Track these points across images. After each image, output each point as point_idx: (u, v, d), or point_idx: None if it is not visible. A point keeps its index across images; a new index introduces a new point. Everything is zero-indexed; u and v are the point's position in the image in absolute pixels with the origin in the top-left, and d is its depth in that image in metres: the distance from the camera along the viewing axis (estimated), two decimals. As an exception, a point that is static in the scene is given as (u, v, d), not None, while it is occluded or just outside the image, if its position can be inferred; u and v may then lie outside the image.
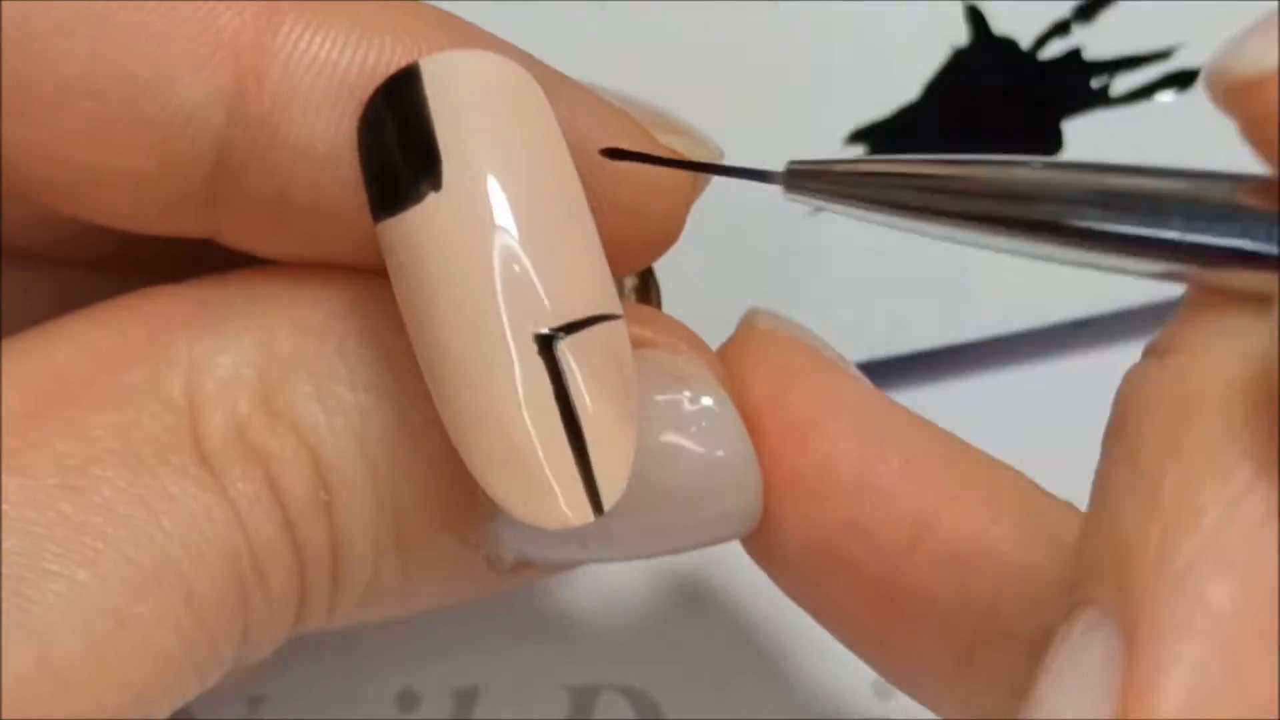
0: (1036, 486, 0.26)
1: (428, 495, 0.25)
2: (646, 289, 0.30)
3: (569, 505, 0.23)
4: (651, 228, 0.26)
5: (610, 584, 0.32)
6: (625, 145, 0.25)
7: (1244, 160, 0.34)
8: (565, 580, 0.33)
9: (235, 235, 0.25)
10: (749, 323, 0.28)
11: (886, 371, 0.34)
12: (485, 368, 0.23)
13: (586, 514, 0.23)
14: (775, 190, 0.33)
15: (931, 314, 0.34)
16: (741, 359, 0.27)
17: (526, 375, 0.23)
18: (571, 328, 0.23)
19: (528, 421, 0.23)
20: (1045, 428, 0.32)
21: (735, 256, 0.34)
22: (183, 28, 0.24)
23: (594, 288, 0.24)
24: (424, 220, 0.23)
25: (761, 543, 0.27)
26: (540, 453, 0.23)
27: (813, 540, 0.26)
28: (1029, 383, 0.35)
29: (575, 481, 0.23)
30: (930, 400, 0.33)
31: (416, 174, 0.23)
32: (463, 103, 0.24)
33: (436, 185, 0.23)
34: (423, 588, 0.26)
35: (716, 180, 0.29)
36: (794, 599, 0.28)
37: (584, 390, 0.23)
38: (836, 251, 0.35)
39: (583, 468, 0.23)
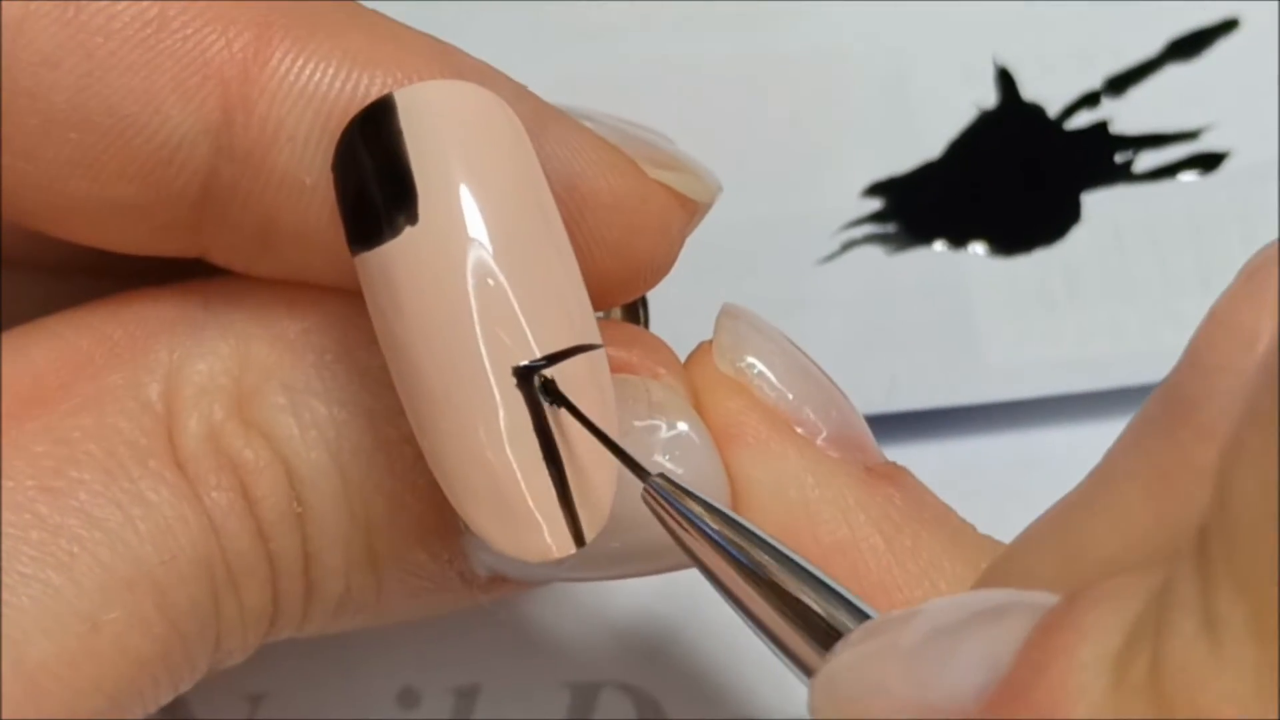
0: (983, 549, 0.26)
1: (400, 510, 0.25)
2: (635, 313, 0.30)
3: (552, 537, 0.23)
4: (639, 262, 0.26)
5: (610, 582, 0.32)
6: (614, 180, 0.25)
7: (1258, 245, 0.34)
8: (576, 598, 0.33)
9: (223, 257, 0.25)
10: (712, 347, 0.27)
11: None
12: (464, 402, 0.23)
13: (569, 546, 0.23)
14: (778, 241, 0.33)
15: (931, 374, 0.34)
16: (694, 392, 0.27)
17: (507, 409, 0.23)
18: (551, 359, 0.23)
19: (509, 455, 0.23)
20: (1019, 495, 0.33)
21: (741, 300, 0.34)
22: (170, 59, 0.24)
23: (573, 319, 0.24)
24: (401, 254, 0.23)
25: None
26: (522, 486, 0.23)
27: None
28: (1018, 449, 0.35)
29: (557, 514, 0.23)
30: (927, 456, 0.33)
31: (393, 207, 0.23)
32: (437, 134, 0.23)
33: (413, 219, 0.23)
34: (397, 600, 0.26)
35: (719, 228, 0.29)
36: None
37: (564, 422, 0.23)
38: (838, 305, 0.35)
39: (564, 499, 0.23)
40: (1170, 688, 0.17)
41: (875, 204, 0.35)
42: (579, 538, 0.23)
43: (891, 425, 0.33)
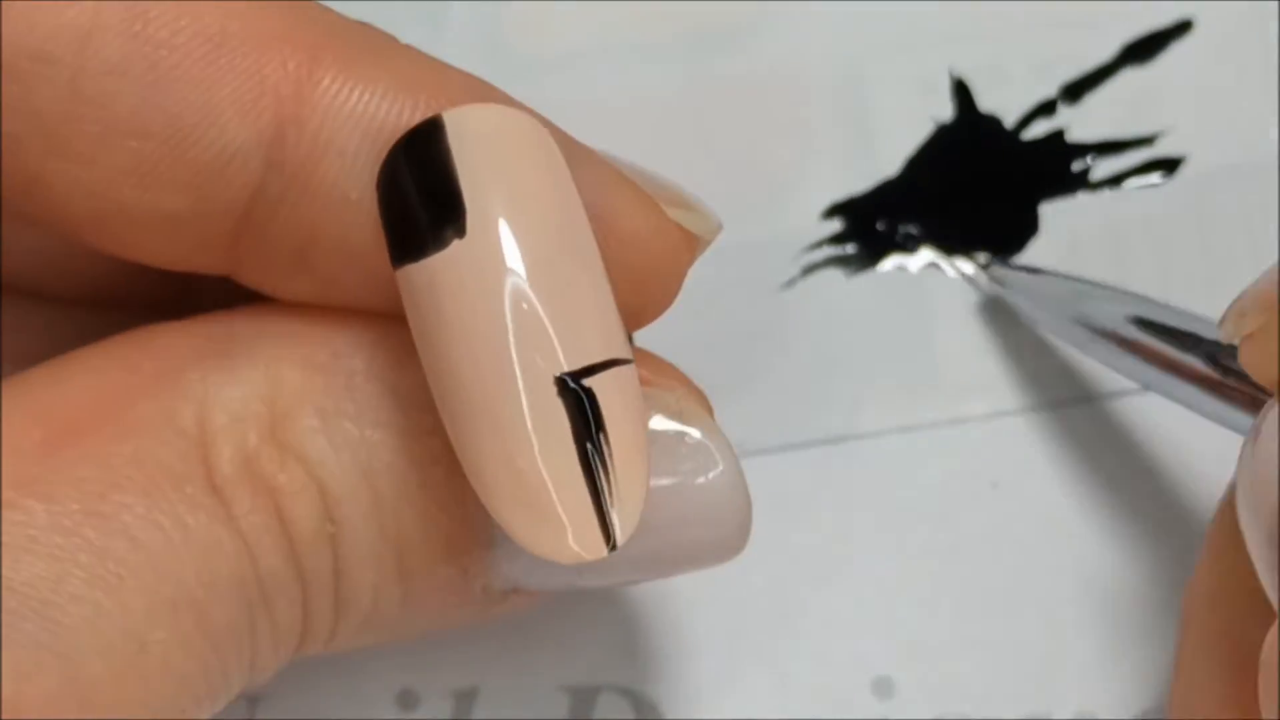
0: None
1: (430, 527, 0.26)
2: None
3: (582, 541, 0.24)
4: (651, 295, 0.27)
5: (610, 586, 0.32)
6: (639, 216, 0.27)
7: (1217, 251, 0.35)
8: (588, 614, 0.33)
9: (254, 276, 0.26)
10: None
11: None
12: (502, 410, 0.24)
13: (600, 549, 0.24)
14: (745, 263, 0.33)
15: (893, 394, 0.34)
16: None
17: (544, 417, 0.24)
18: (587, 371, 0.24)
19: (541, 463, 0.24)
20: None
21: (703, 327, 0.34)
22: (229, 74, 0.25)
23: (608, 333, 0.25)
24: (448, 266, 0.24)
25: None
26: (554, 492, 0.24)
27: None
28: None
29: (590, 518, 0.24)
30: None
31: (440, 221, 0.24)
32: (484, 153, 0.25)
33: (461, 232, 0.24)
34: (419, 615, 0.27)
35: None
36: None
37: (602, 430, 0.24)
38: (799, 330, 0.35)
39: (596, 505, 0.24)
40: None
41: (835, 225, 0.35)
42: (611, 541, 0.24)
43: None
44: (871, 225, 0.35)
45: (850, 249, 0.35)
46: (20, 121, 0.25)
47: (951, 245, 0.35)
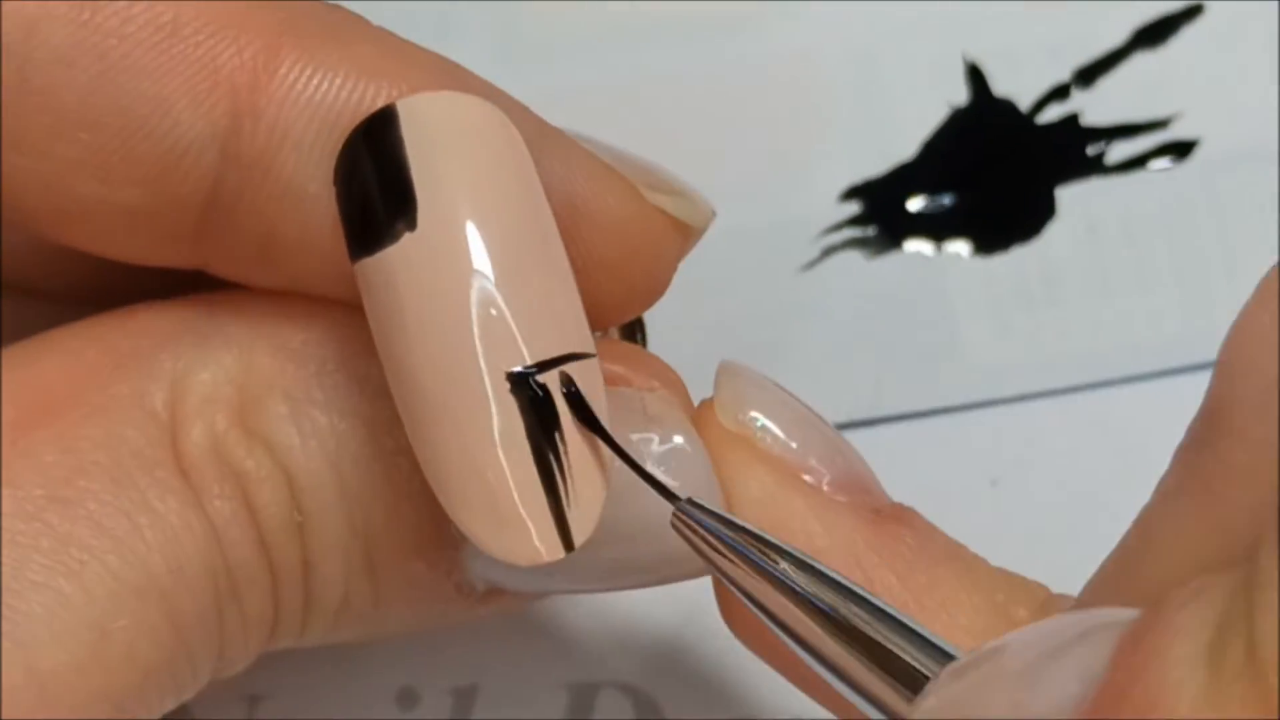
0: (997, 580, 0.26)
1: (398, 520, 0.26)
2: (632, 334, 0.30)
3: (541, 542, 0.24)
4: (635, 283, 0.27)
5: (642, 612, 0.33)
6: (613, 201, 0.26)
7: (1233, 232, 0.35)
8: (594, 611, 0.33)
9: (224, 268, 0.26)
10: (714, 404, 0.27)
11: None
12: (459, 406, 0.24)
13: (558, 550, 0.24)
14: (764, 246, 0.33)
15: (915, 377, 0.35)
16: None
17: (500, 414, 0.23)
18: (545, 366, 0.24)
19: (501, 459, 0.24)
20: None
21: (724, 311, 0.34)
22: (182, 64, 0.24)
23: (567, 327, 0.24)
24: (399, 260, 0.24)
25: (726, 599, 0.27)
26: (513, 491, 0.24)
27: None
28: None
29: (547, 518, 0.24)
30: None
31: (392, 214, 0.24)
32: (438, 143, 0.24)
33: (412, 225, 0.24)
34: (394, 612, 0.27)
35: (700, 240, 0.29)
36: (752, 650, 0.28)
37: (558, 429, 0.24)
38: (821, 311, 0.35)
39: (554, 504, 0.24)
40: (1268, 665, 0.17)
41: (853, 208, 0.35)
42: (568, 543, 0.24)
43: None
44: (890, 207, 0.35)
45: (869, 231, 0.35)
46: None
47: (970, 229, 0.35)
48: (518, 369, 0.23)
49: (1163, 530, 0.22)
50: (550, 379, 0.24)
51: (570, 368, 0.24)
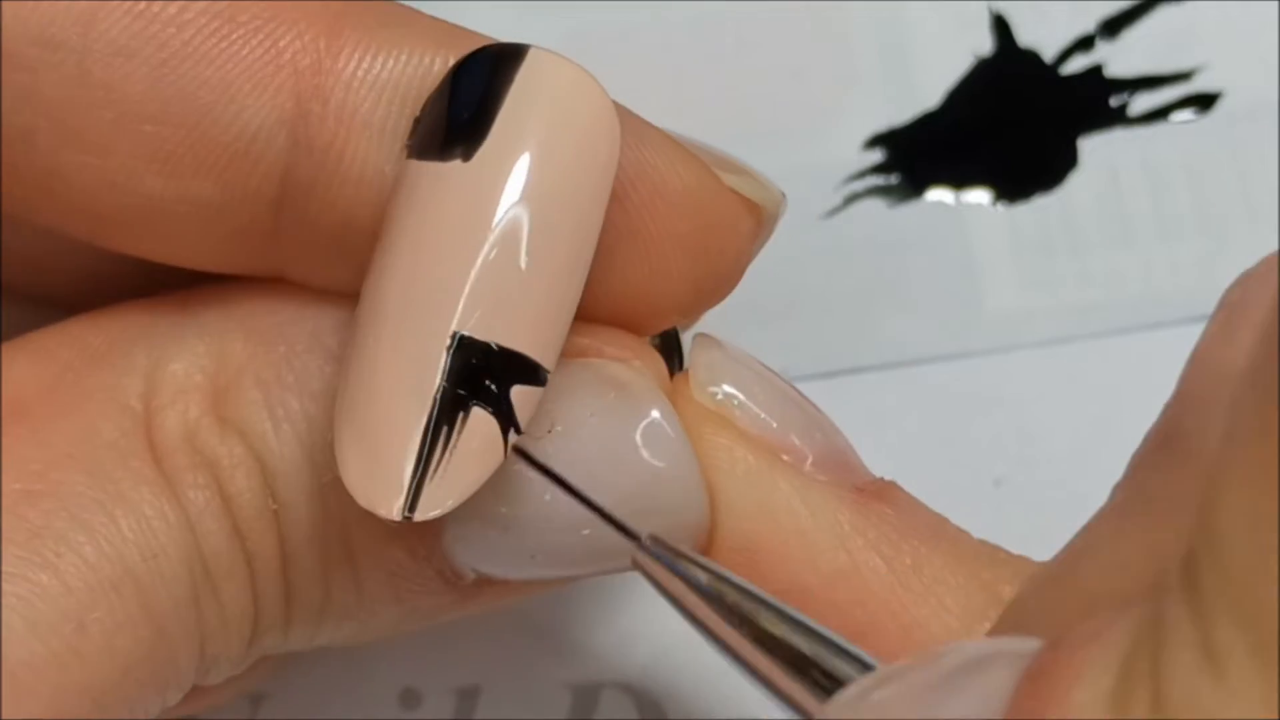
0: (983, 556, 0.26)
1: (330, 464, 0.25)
2: (669, 353, 0.28)
3: (389, 496, 0.23)
4: (711, 264, 0.26)
5: (611, 580, 0.32)
6: (685, 173, 0.25)
7: (1255, 183, 0.35)
8: (587, 599, 0.33)
9: (302, 269, 0.25)
10: (689, 379, 0.26)
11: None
12: (409, 339, 0.23)
13: (395, 511, 0.23)
14: (787, 193, 0.33)
15: (934, 324, 0.35)
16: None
17: (439, 364, 0.23)
18: (501, 353, 0.23)
19: (409, 400, 0.23)
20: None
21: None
22: (243, 49, 0.24)
23: (546, 333, 0.24)
24: (436, 178, 0.23)
25: None
26: (398, 437, 0.23)
27: None
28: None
29: (407, 477, 0.23)
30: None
31: (457, 138, 0.23)
32: (540, 102, 0.24)
33: (467, 156, 0.23)
34: (381, 605, 0.26)
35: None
36: None
37: (466, 412, 0.23)
38: (843, 258, 0.35)
39: (417, 471, 0.23)
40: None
41: (876, 156, 0.36)
42: (410, 510, 0.23)
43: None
44: (913, 155, 0.36)
45: (892, 179, 0.35)
46: (29, 113, 0.24)
47: (992, 178, 0.35)
48: (474, 337, 0.23)
49: (1101, 545, 0.22)
50: (490, 372, 0.23)
51: (522, 369, 0.23)
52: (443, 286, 0.23)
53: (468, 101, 0.24)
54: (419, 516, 0.23)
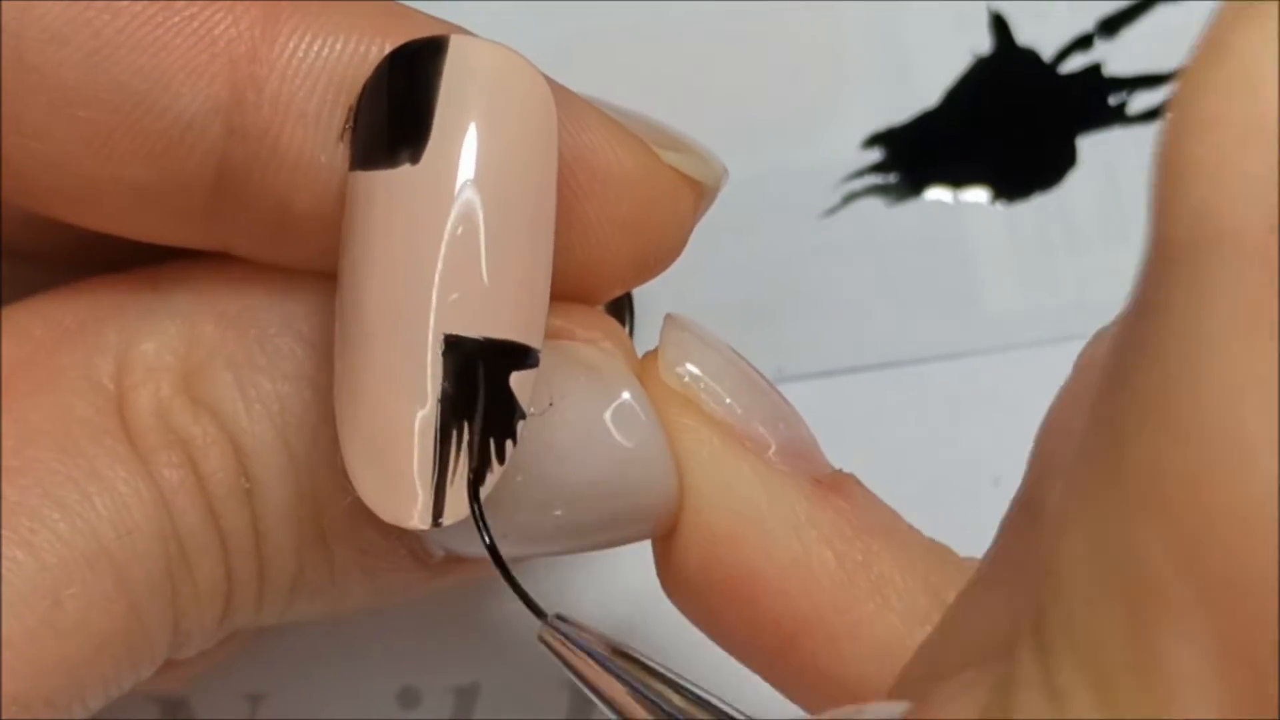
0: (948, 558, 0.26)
1: (345, 485, 0.25)
2: (620, 312, 0.29)
3: (412, 507, 0.23)
4: (650, 242, 0.26)
5: (611, 580, 0.32)
6: (623, 154, 0.25)
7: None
8: (565, 577, 0.33)
9: (245, 247, 0.26)
10: (657, 358, 0.26)
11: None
12: (395, 348, 0.23)
13: (425, 520, 0.23)
14: (786, 192, 0.33)
15: (932, 323, 0.35)
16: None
17: (431, 369, 0.23)
18: (491, 345, 0.23)
19: (412, 412, 0.23)
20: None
21: (744, 256, 0.35)
22: (177, 37, 0.24)
23: (527, 316, 0.24)
24: (389, 188, 0.23)
25: (665, 561, 0.27)
26: (413, 449, 0.23)
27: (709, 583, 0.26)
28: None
29: (429, 486, 0.23)
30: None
31: (401, 141, 0.24)
32: (472, 91, 0.24)
33: (415, 159, 0.23)
34: (353, 583, 0.26)
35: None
36: (686, 615, 0.27)
37: (475, 410, 0.23)
38: (842, 257, 0.35)
39: (439, 477, 0.23)
40: None
41: (875, 155, 0.36)
42: (438, 516, 0.23)
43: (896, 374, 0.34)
44: (912, 154, 0.36)
45: (891, 178, 0.36)
46: None
47: (991, 177, 0.35)
48: (462, 334, 0.23)
49: (973, 608, 0.22)
50: (487, 364, 0.23)
51: (512, 356, 0.24)
52: (419, 292, 0.23)
53: (403, 103, 0.24)
54: (448, 520, 0.23)
